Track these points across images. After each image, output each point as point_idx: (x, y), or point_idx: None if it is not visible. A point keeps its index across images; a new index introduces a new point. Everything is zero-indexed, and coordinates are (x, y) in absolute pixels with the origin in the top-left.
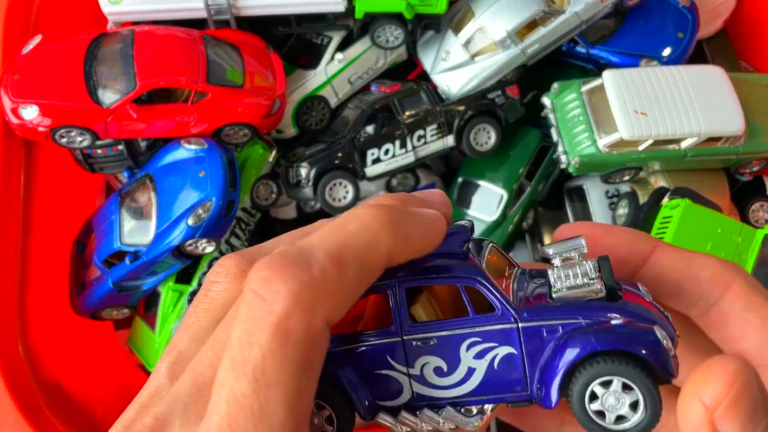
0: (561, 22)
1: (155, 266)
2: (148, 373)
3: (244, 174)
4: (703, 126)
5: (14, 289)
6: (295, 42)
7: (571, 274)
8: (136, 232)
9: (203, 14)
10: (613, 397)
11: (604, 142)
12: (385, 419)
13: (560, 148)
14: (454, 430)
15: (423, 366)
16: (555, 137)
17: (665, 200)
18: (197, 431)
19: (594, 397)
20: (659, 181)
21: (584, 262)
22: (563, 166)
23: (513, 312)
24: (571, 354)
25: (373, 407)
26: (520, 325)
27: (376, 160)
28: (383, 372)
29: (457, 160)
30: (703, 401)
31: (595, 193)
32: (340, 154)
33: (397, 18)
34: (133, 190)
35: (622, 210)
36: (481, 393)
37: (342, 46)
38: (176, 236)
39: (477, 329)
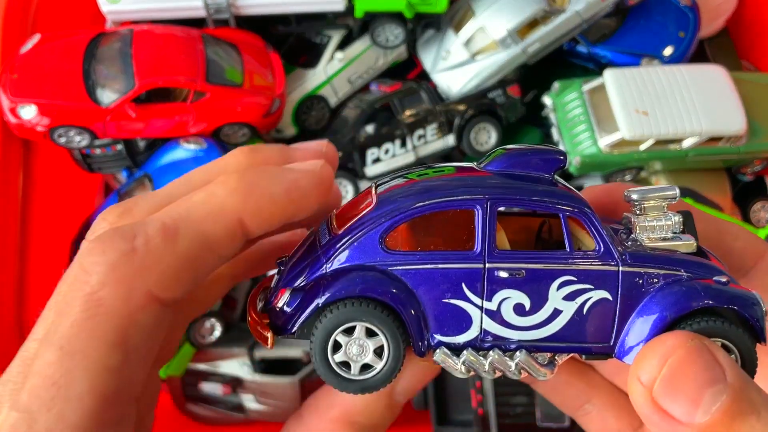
0: (562, 21)
1: None
2: None
3: None
4: (705, 125)
5: (13, 290)
6: (295, 41)
7: (656, 226)
8: None
9: (202, 13)
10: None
11: (605, 141)
12: (444, 356)
13: (561, 148)
14: (521, 378)
15: (502, 301)
16: (556, 137)
17: None
18: (16, 410)
19: None
20: (660, 181)
21: (671, 214)
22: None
23: (617, 253)
24: (681, 305)
25: (432, 341)
26: (621, 268)
27: (376, 160)
28: (453, 302)
29: (457, 160)
30: (640, 379)
31: None
32: (339, 154)
33: (397, 17)
34: (131, 189)
35: None
36: (559, 339)
37: (342, 46)
38: None
39: (574, 267)
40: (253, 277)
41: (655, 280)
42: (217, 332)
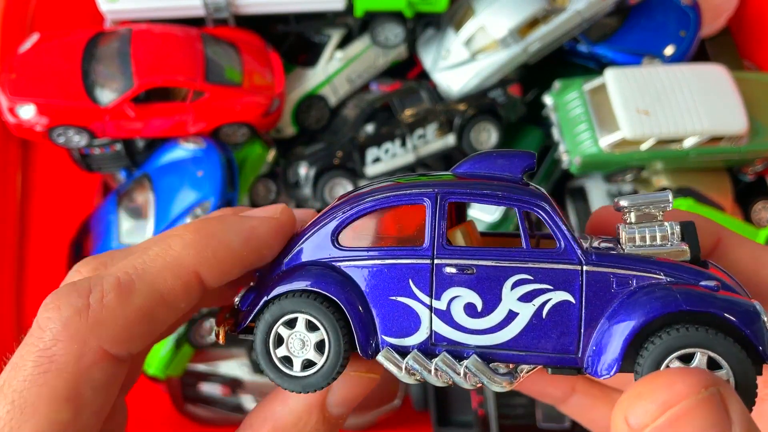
0: (562, 20)
1: None
2: (147, 375)
3: (242, 173)
4: (706, 125)
5: (11, 291)
6: (295, 40)
7: (648, 235)
8: (134, 232)
9: (202, 12)
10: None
11: (606, 141)
12: (388, 358)
13: (562, 148)
14: (475, 386)
15: (452, 300)
16: (556, 136)
17: None
18: None
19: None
20: (662, 181)
21: (665, 223)
22: (565, 165)
23: (579, 250)
24: (649, 312)
25: (378, 342)
26: (585, 267)
27: (376, 160)
28: (400, 300)
29: (457, 160)
30: (628, 420)
31: (596, 193)
32: (339, 154)
33: (397, 16)
34: (130, 190)
35: None
36: (518, 347)
37: (342, 45)
38: None
39: (530, 265)
40: None
41: (629, 282)
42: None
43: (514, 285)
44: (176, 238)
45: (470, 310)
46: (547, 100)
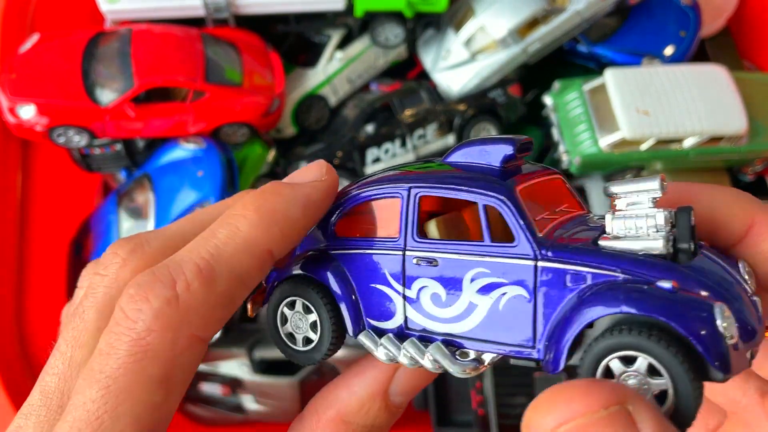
0: (562, 20)
1: None
2: None
3: (242, 173)
4: (706, 125)
5: (11, 291)
6: (295, 40)
7: (634, 224)
8: (134, 232)
9: (202, 13)
10: (636, 380)
11: (606, 141)
12: (367, 339)
13: (561, 148)
14: (442, 370)
15: (421, 289)
16: (556, 136)
17: None
18: None
19: (610, 373)
20: None
21: (655, 210)
22: (565, 165)
23: (534, 246)
24: (591, 312)
25: (365, 324)
26: (539, 263)
27: (376, 160)
28: (378, 287)
29: None
30: (529, 428)
31: (596, 193)
32: (339, 154)
33: (397, 16)
34: (130, 189)
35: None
36: (479, 336)
37: (342, 45)
38: None
39: (487, 259)
40: None
41: (585, 279)
42: (217, 333)
43: (474, 278)
44: (241, 218)
45: (436, 299)
46: (547, 100)
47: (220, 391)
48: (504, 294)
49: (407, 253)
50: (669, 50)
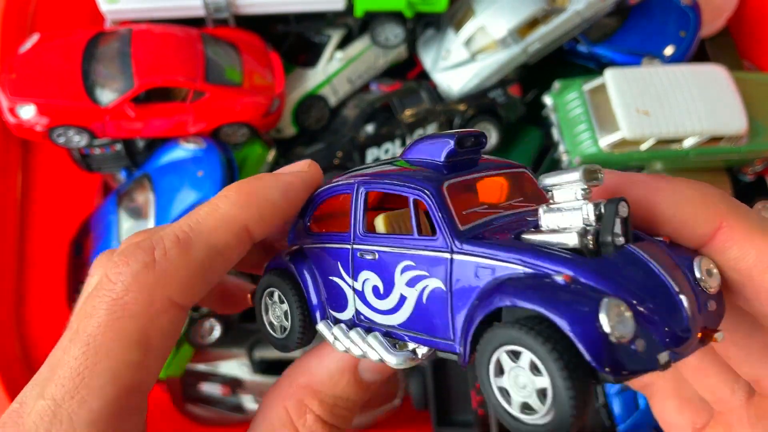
0: (562, 20)
1: None
2: None
3: (242, 173)
4: (706, 125)
5: (11, 291)
6: (295, 40)
7: (563, 217)
8: (134, 232)
9: (202, 13)
10: (524, 376)
11: (605, 141)
12: (323, 328)
13: (561, 148)
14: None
15: (365, 282)
16: (556, 136)
17: None
18: (42, 399)
19: (501, 369)
20: None
21: (582, 203)
22: (565, 165)
23: (450, 239)
24: (486, 306)
25: (328, 315)
26: (453, 256)
27: (376, 160)
28: (334, 279)
29: None
30: None
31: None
32: (339, 154)
33: (397, 16)
34: (130, 189)
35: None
36: (411, 328)
37: (342, 45)
38: None
39: (413, 252)
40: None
41: (492, 272)
42: (217, 333)
43: (403, 270)
44: (222, 198)
45: (376, 291)
46: (547, 100)
47: (220, 391)
48: (426, 286)
49: (354, 246)
50: (669, 50)
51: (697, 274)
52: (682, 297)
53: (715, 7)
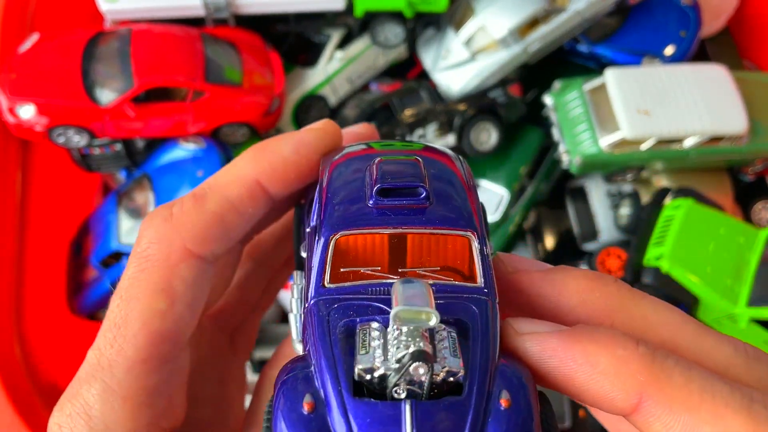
0: (563, 20)
1: None
2: None
3: None
4: (706, 125)
5: (11, 291)
6: (294, 40)
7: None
8: (133, 232)
9: (201, 12)
10: None
11: (606, 141)
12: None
13: (562, 148)
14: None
15: None
16: (556, 136)
17: (668, 200)
18: (92, 349)
19: None
20: (662, 181)
21: (399, 343)
22: (565, 165)
23: (312, 291)
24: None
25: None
26: (308, 306)
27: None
28: None
29: None
30: None
31: (596, 192)
32: None
33: (397, 16)
34: (130, 189)
35: (624, 210)
36: None
37: (341, 45)
38: None
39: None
40: None
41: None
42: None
43: None
44: (238, 158)
45: None
46: (547, 100)
47: None
48: None
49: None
50: (669, 50)
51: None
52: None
53: (715, 7)
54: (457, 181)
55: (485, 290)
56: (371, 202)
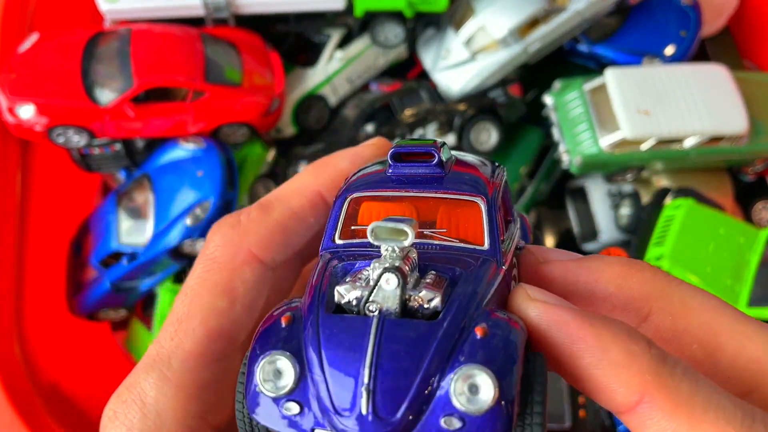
0: (563, 20)
1: (152, 267)
2: None
3: (242, 173)
4: (706, 125)
5: (11, 291)
6: (294, 40)
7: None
8: (133, 232)
9: (201, 12)
10: None
11: (606, 141)
12: None
13: (562, 148)
14: None
15: None
16: (556, 136)
17: (668, 200)
18: (152, 343)
19: None
20: (662, 181)
21: (378, 266)
22: (565, 165)
23: (325, 243)
24: None
25: None
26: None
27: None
28: None
29: None
30: None
31: (596, 192)
32: None
33: (397, 16)
34: (130, 189)
35: (625, 210)
36: None
37: (341, 45)
38: (174, 237)
39: None
40: None
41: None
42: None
43: None
44: (300, 173)
45: None
46: (547, 100)
47: None
48: None
49: None
50: (669, 50)
51: (451, 389)
52: (364, 385)
53: (715, 7)
54: (473, 167)
55: (491, 253)
56: (390, 171)
